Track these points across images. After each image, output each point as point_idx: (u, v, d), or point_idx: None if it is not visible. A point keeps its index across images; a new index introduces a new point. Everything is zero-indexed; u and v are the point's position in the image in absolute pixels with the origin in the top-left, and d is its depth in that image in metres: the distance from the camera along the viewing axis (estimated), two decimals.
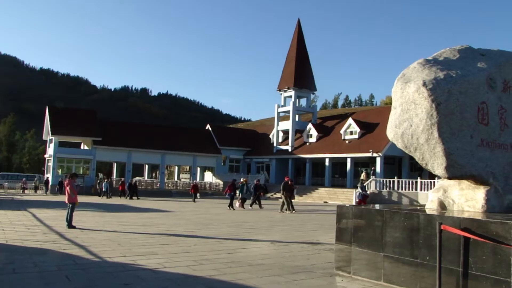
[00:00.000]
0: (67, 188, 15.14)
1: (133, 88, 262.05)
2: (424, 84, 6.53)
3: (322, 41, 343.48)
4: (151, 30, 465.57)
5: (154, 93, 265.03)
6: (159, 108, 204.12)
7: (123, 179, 48.52)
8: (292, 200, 27.19)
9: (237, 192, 29.71)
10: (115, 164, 62.62)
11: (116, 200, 36.78)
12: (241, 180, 32.51)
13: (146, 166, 64.68)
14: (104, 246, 10.86)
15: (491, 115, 7.21)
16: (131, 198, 39.78)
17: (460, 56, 7.58)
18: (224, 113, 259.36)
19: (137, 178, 53.16)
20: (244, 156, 62.65)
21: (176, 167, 68.72)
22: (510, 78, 7.73)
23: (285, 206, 26.06)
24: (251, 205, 29.79)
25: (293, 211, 25.67)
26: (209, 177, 62.29)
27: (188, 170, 67.13)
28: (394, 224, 7.00)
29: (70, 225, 14.49)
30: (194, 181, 40.52)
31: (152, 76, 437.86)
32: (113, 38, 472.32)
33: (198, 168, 62.14)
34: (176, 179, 66.27)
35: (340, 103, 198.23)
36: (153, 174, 68.11)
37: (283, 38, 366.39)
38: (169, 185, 58.58)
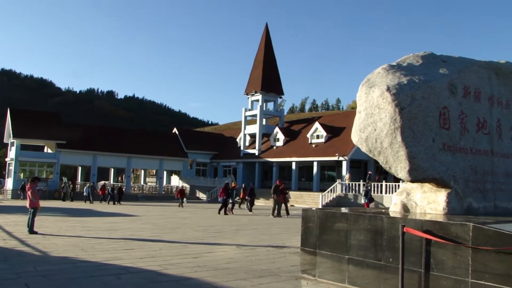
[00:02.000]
0: (28, 192, 14.74)
1: (99, 90, 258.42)
2: (388, 89, 6.64)
3: (289, 45, 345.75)
4: (117, 32, 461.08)
5: (121, 96, 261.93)
6: (125, 111, 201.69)
7: (104, 183, 47.81)
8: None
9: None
10: (80, 167, 61.64)
11: (93, 206, 36.15)
12: (231, 184, 31.81)
13: (112, 169, 63.93)
14: (67, 251, 10.67)
15: (452, 119, 7.37)
16: (114, 203, 38.87)
17: (423, 62, 7.73)
18: (191, 116, 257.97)
19: (103, 182, 52.38)
20: (211, 159, 62.56)
21: (143, 171, 68.11)
22: (470, 84, 7.92)
23: (276, 211, 25.47)
24: (250, 210, 29.47)
25: (287, 216, 25.20)
26: (175, 180, 61.98)
27: (154, 173, 66.64)
28: (359, 227, 7.08)
29: (31, 231, 14.15)
30: (182, 186, 39.55)
31: (119, 79, 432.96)
32: (78, 40, 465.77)
33: (165, 172, 61.76)
34: (142, 183, 65.68)
35: (307, 107, 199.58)
36: (119, 178, 67.38)
37: (251, 42, 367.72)
38: (135, 189, 58.02)
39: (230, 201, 28.41)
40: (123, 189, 44.03)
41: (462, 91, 7.73)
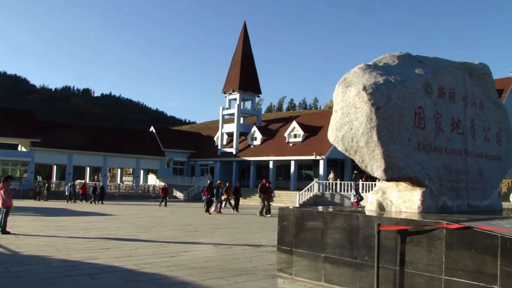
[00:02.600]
0: (1, 191, 14.45)
1: (75, 88, 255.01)
2: (364, 89, 6.69)
3: (267, 44, 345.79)
4: (94, 29, 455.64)
5: (97, 93, 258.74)
6: (101, 109, 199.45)
7: (84, 181, 47.18)
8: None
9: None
10: (55, 166, 60.84)
11: (72, 205, 35.70)
12: (217, 182, 31.37)
13: (88, 168, 63.21)
14: (41, 251, 10.52)
15: (427, 119, 7.46)
16: (96, 202, 38.27)
17: (399, 62, 7.80)
18: (169, 115, 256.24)
19: (78, 181, 51.84)
20: (188, 158, 62.34)
21: (119, 170, 67.53)
22: (445, 84, 8.03)
23: (265, 209, 25.36)
24: (236, 209, 28.91)
25: (269, 215, 25.02)
26: (152, 179, 61.63)
27: (131, 172, 66.14)
28: (335, 226, 7.13)
29: (4, 231, 13.91)
30: (165, 184, 38.87)
31: (95, 76, 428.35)
32: (54, 36, 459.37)
33: (142, 171, 61.34)
34: (119, 182, 65.15)
35: (284, 106, 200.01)
36: (95, 177, 66.67)
37: (229, 40, 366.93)
38: (112, 188, 57.51)
39: (217, 200, 28.01)
40: (105, 189, 43.46)
41: (437, 91, 7.83)
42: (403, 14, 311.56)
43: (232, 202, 29.97)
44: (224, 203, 29.56)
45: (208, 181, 30.44)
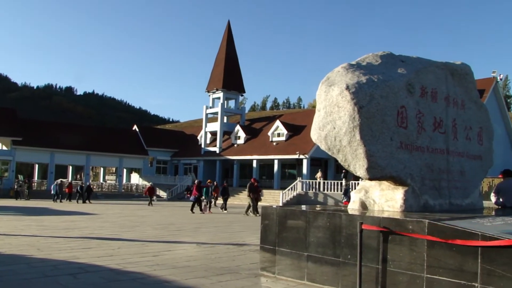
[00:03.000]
0: None
1: (58, 86, 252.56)
2: (347, 88, 6.70)
3: (251, 43, 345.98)
4: (77, 26, 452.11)
5: (80, 92, 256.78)
6: (84, 107, 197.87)
7: (70, 180, 46.65)
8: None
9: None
10: (37, 165, 60.19)
11: (55, 204, 35.33)
12: (207, 182, 31.01)
13: (70, 167, 62.65)
14: (21, 251, 10.38)
15: (409, 119, 7.51)
16: (84, 201, 37.88)
17: (382, 62, 7.84)
18: (152, 113, 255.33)
19: (61, 179, 51.25)
20: (171, 157, 62.11)
21: (102, 169, 67.02)
22: (427, 84, 8.09)
23: (251, 209, 25.33)
24: (225, 209, 28.45)
25: (257, 215, 24.57)
26: (135, 178, 61.30)
27: (114, 171, 65.71)
28: (317, 225, 7.14)
29: None
30: (150, 183, 38.38)
31: (78, 74, 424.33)
32: (35, 33, 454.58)
33: (125, 170, 60.98)
34: (101, 180, 64.67)
35: (268, 105, 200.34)
36: (78, 176, 66.14)
37: (213, 39, 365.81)
38: (94, 187, 57.06)
39: (206, 199, 27.57)
40: (92, 187, 42.97)
41: (419, 90, 7.88)
42: (388, 12, 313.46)
43: (218, 201, 29.76)
44: (213, 202, 29.25)
45: (196, 181, 30.10)
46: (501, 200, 9.90)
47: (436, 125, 8.21)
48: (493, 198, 10.12)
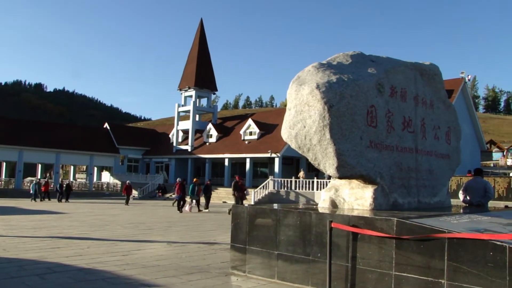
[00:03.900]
0: None
1: (27, 83, 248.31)
2: (318, 87, 6.74)
3: (224, 41, 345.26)
4: (46, 22, 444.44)
5: (50, 89, 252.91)
6: (54, 105, 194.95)
7: (47, 179, 45.69)
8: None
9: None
10: (4, 163, 58.96)
11: (31, 204, 34.60)
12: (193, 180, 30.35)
13: (39, 165, 61.59)
14: None
15: (379, 118, 7.59)
16: (60, 200, 36.96)
17: (352, 61, 7.90)
18: (123, 111, 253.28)
19: (29, 178, 50.35)
20: (143, 155, 61.60)
21: (72, 167, 66.03)
22: (396, 84, 8.18)
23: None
24: (207, 208, 27.52)
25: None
26: (106, 177, 60.60)
27: (84, 170, 64.83)
28: (288, 223, 7.16)
29: None
30: (128, 182, 37.49)
31: (48, 71, 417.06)
32: (4, 29, 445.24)
33: (95, 168, 60.22)
34: (71, 179, 63.74)
35: (241, 104, 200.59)
36: (47, 174, 65.02)
37: (186, 37, 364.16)
38: (64, 185, 56.16)
39: (192, 198, 27.05)
40: (72, 186, 42.07)
41: (389, 90, 7.97)
42: (359, 11, 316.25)
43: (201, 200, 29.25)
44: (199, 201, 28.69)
45: (178, 179, 29.66)
46: (468, 198, 10.09)
47: (405, 124, 8.31)
48: (460, 196, 10.31)
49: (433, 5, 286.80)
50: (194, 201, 27.17)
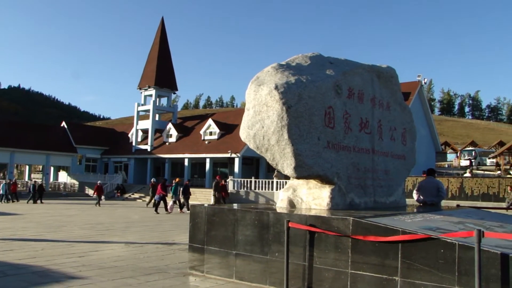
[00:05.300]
0: None
1: None
2: (276, 88, 6.79)
3: (185, 40, 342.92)
4: (2, 17, 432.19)
5: (4, 85, 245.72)
6: (9, 102, 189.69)
7: (15, 179, 44.23)
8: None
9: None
10: None
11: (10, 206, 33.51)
12: (175, 180, 29.70)
13: None
14: None
15: (337, 119, 7.70)
16: (35, 202, 35.65)
17: (311, 63, 7.99)
18: (82, 110, 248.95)
19: (9, 179, 48.62)
20: (101, 155, 60.61)
21: (27, 167, 64.43)
22: (354, 85, 8.32)
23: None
24: (188, 208, 26.22)
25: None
26: (63, 177, 59.39)
27: (40, 169, 63.37)
28: (246, 223, 7.19)
29: None
30: (99, 182, 36.32)
31: (2, 67, 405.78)
32: None
33: (52, 168, 58.93)
34: (26, 179, 62.19)
35: (201, 103, 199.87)
36: (0, 174, 63.29)
37: (147, 35, 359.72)
38: (19, 186, 54.80)
39: (175, 198, 26.55)
40: (44, 186, 40.84)
41: (346, 92, 8.10)
42: (321, 11, 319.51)
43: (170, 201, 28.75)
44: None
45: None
46: (422, 197, 10.35)
47: (362, 125, 8.46)
48: (415, 195, 10.56)
49: (389, 6, 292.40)
50: (173, 201, 26.80)
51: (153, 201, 27.69)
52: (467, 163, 50.90)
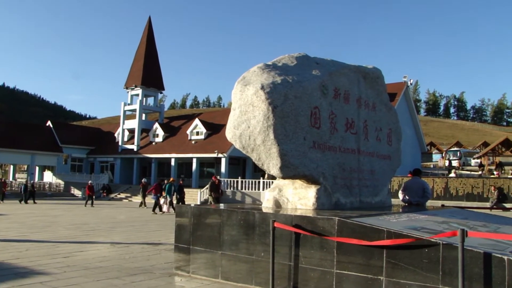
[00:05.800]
0: None
1: None
2: (262, 88, 6.79)
3: (172, 40, 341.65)
4: None
5: None
6: None
7: (4, 178, 43.65)
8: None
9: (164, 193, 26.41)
10: None
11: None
12: (170, 179, 29.39)
13: None
14: None
15: (323, 119, 7.72)
16: (26, 202, 35.24)
17: (297, 63, 8.01)
18: (68, 109, 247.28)
19: None
20: (87, 155, 60.26)
21: (12, 166, 63.84)
22: (340, 86, 8.35)
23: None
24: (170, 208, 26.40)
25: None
26: (49, 177, 58.93)
27: (25, 169, 62.82)
28: (231, 223, 7.19)
29: None
30: (90, 182, 35.86)
31: None
32: None
33: (37, 167, 58.47)
34: (11, 179, 61.62)
35: (188, 103, 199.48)
36: None
37: (134, 34, 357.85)
38: (31, 184, 54.25)
39: (169, 197, 26.29)
40: (35, 186, 40.39)
41: (332, 92, 8.12)
42: (309, 11, 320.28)
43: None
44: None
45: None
46: (407, 197, 10.42)
47: (348, 125, 8.49)
48: (400, 195, 10.63)
49: (375, 6, 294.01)
50: (169, 201, 26.58)
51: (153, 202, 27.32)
52: (456, 163, 51.46)
